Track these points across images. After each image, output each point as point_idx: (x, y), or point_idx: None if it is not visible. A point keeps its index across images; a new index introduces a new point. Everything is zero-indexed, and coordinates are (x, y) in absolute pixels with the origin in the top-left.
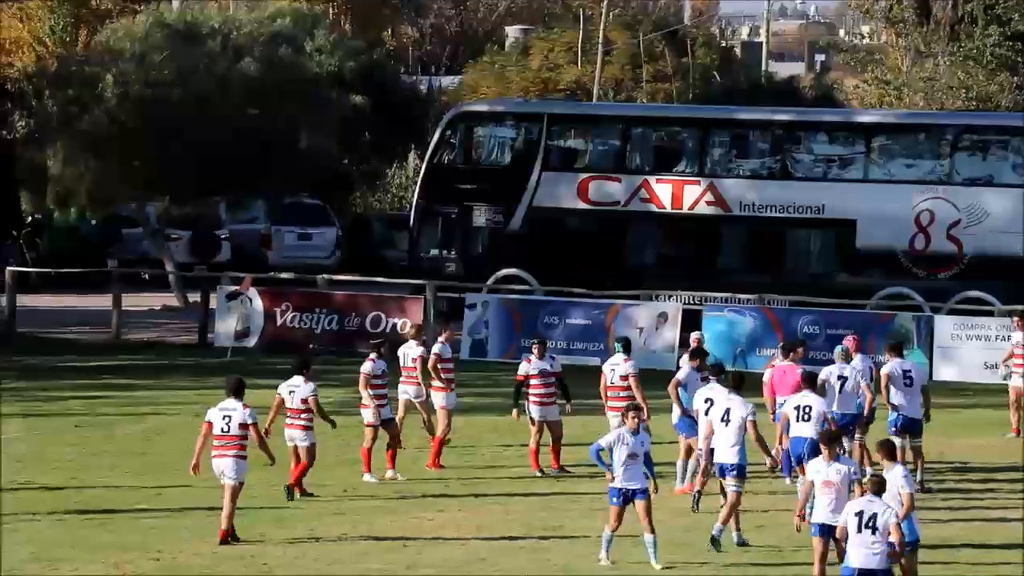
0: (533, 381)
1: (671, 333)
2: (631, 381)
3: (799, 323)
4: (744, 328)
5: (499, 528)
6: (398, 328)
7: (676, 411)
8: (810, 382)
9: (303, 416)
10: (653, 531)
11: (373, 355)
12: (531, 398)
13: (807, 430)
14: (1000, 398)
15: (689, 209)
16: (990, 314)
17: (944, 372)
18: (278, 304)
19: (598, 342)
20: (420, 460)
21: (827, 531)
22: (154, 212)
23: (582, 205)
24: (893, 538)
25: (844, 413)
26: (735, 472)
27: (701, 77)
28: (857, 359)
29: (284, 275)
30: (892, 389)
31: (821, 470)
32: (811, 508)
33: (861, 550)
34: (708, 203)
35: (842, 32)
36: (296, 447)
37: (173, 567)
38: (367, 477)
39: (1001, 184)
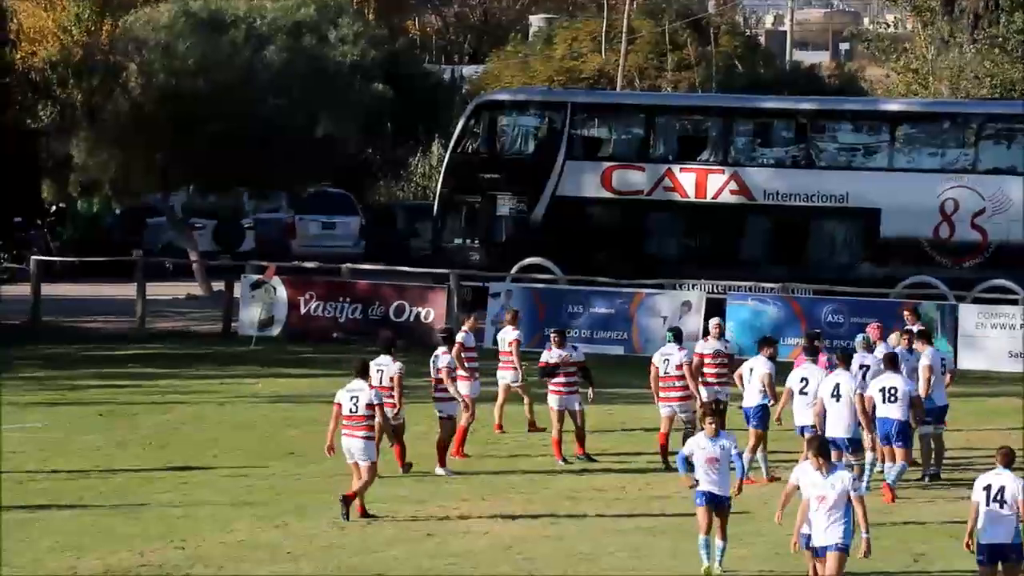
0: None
1: (695, 322)
2: (685, 370)
3: (823, 312)
4: (768, 317)
5: (523, 517)
6: (421, 317)
7: (749, 399)
8: (892, 364)
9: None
10: (725, 538)
11: (442, 348)
12: (551, 388)
13: (894, 411)
14: (1022, 386)
15: (713, 198)
16: (1015, 303)
17: (968, 361)
18: (302, 293)
19: (622, 331)
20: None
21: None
22: (178, 202)
23: (605, 194)
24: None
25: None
26: (850, 447)
27: (725, 66)
28: (880, 348)
29: (308, 264)
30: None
31: (817, 483)
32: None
33: (991, 525)
34: (732, 192)
35: (867, 21)
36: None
37: (197, 556)
38: (440, 471)
39: None
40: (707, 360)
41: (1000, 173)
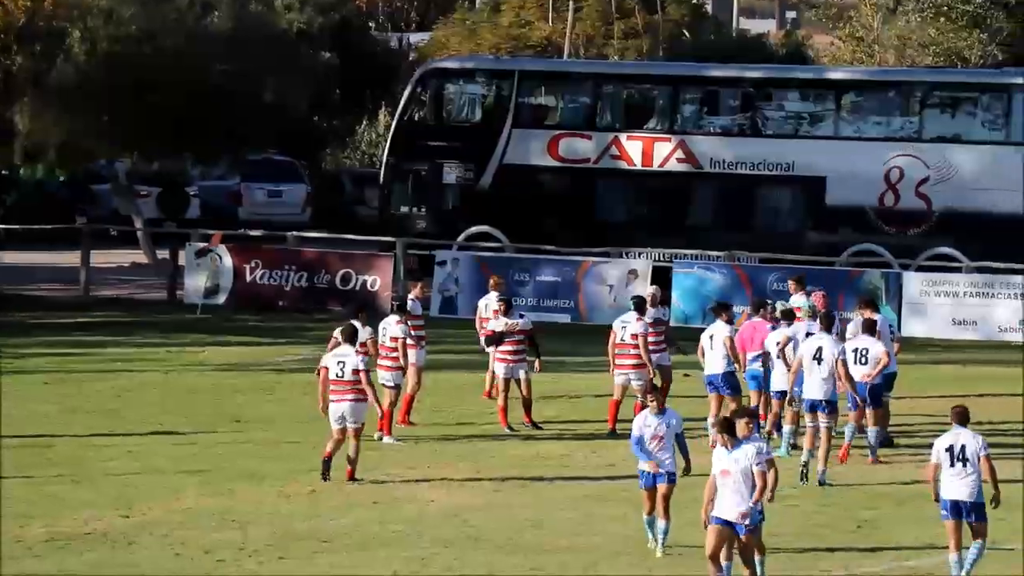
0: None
1: (641, 290)
2: (640, 341)
3: (768, 280)
4: (714, 285)
5: (469, 484)
6: (368, 286)
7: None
8: (870, 328)
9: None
10: (668, 517)
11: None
12: (498, 356)
13: (862, 373)
14: (967, 353)
15: (659, 166)
16: (958, 270)
17: (913, 328)
18: (247, 261)
19: (568, 299)
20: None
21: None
22: (123, 168)
23: (552, 162)
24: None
25: None
26: (826, 409)
27: (672, 34)
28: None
29: (254, 232)
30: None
31: (721, 458)
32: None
33: (954, 482)
34: (678, 160)
35: None
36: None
37: (143, 523)
38: (387, 439)
39: (970, 141)
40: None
41: (945, 141)
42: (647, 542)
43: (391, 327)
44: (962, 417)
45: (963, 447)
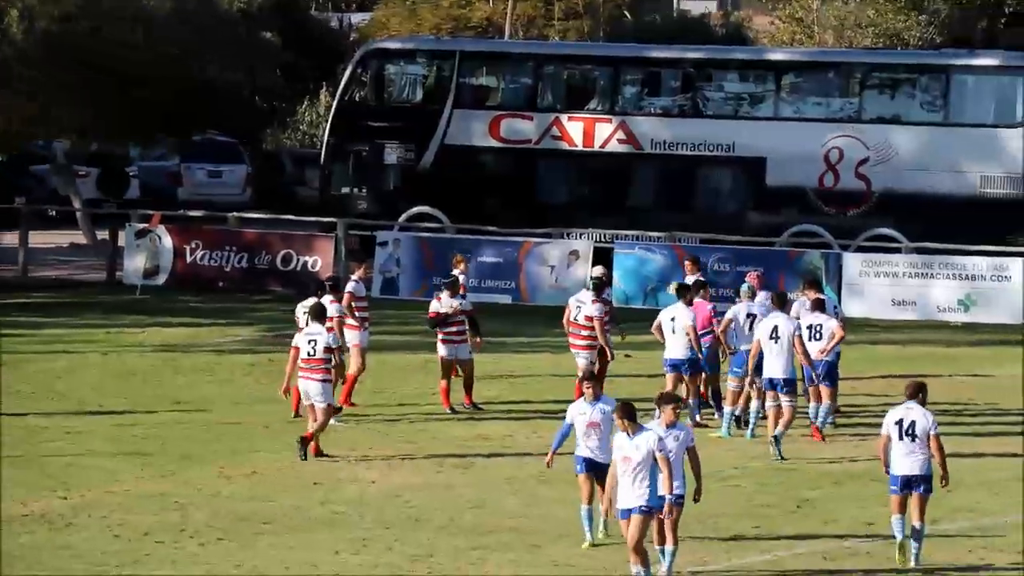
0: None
1: (582, 270)
2: (596, 323)
3: (709, 260)
4: (655, 265)
5: (410, 465)
6: (308, 266)
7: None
8: (820, 306)
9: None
10: (590, 502)
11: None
12: (441, 337)
13: (817, 349)
14: (906, 334)
15: (600, 147)
16: (898, 251)
17: (852, 308)
18: (188, 242)
19: (509, 279)
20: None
21: (625, 515)
22: (62, 149)
23: (494, 143)
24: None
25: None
26: (785, 388)
27: (613, 15)
28: (761, 296)
29: (194, 212)
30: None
31: (623, 444)
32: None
33: (902, 457)
34: (619, 141)
35: None
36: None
37: (82, 505)
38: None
39: (909, 122)
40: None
41: (884, 122)
42: (584, 533)
43: (327, 307)
44: (915, 392)
45: (912, 423)
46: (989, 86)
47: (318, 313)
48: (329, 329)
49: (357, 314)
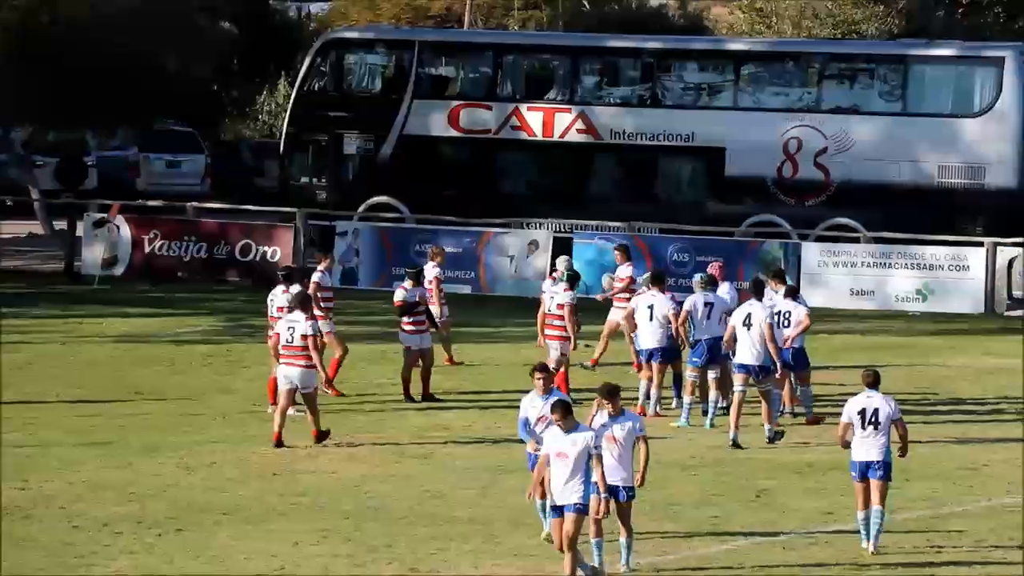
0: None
1: (542, 261)
2: (566, 312)
3: (669, 250)
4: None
5: (369, 456)
6: (268, 257)
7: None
8: (793, 294)
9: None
10: (544, 496)
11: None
12: (406, 327)
13: (783, 336)
14: (865, 323)
15: (560, 137)
16: (856, 241)
17: (811, 298)
18: (146, 232)
19: (469, 270)
20: None
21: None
22: (19, 138)
23: (453, 133)
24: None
25: (714, 337)
26: (760, 375)
27: (572, 5)
28: (724, 287)
29: (152, 203)
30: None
31: (558, 440)
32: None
33: (864, 445)
34: (579, 131)
35: None
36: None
37: (41, 496)
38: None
39: (868, 112)
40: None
41: (843, 112)
42: (542, 524)
43: (278, 297)
44: (874, 381)
45: (876, 411)
46: (947, 76)
47: (300, 300)
48: (309, 317)
49: (323, 304)
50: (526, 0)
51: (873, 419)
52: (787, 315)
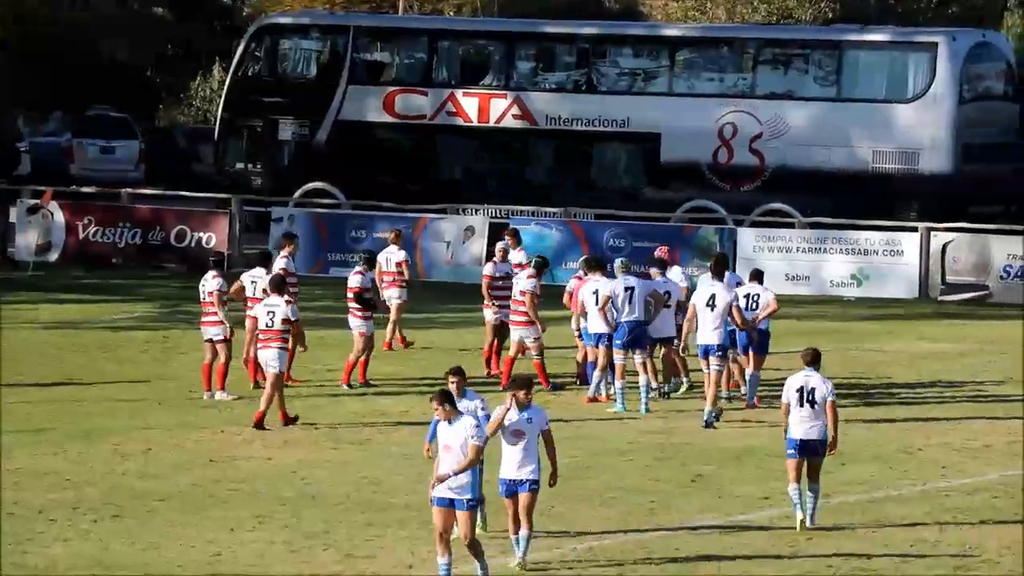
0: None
1: (478, 246)
2: (527, 299)
3: (605, 236)
4: (550, 241)
5: (306, 442)
6: (203, 243)
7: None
8: (758, 277)
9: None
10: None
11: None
12: (360, 313)
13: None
14: (800, 308)
15: (496, 123)
16: (791, 226)
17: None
18: (80, 218)
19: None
20: (233, 377)
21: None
22: None
23: (389, 118)
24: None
25: (638, 321)
26: (719, 352)
27: None
28: (676, 271)
29: (86, 189)
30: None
31: (444, 432)
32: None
33: (803, 423)
34: (515, 116)
35: None
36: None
37: None
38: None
39: (802, 97)
40: (498, 283)
41: (777, 98)
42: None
43: (209, 282)
44: (812, 359)
45: (812, 390)
46: (881, 62)
47: (277, 285)
48: (288, 302)
49: (291, 290)
50: None
51: (810, 398)
52: (755, 298)
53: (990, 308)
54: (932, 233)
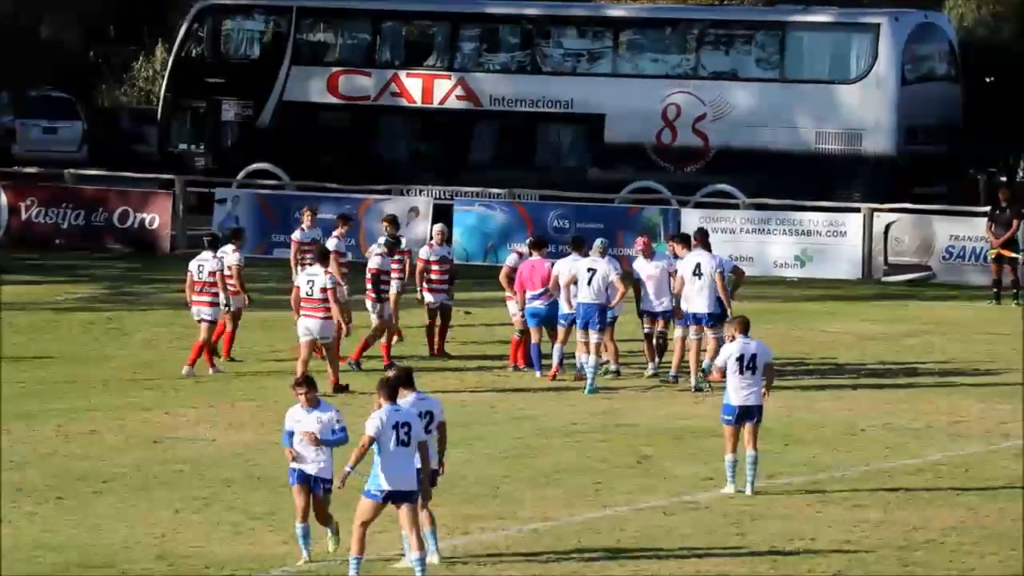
0: (341, 260)
1: (422, 227)
2: (502, 280)
3: (549, 217)
4: (495, 223)
5: (251, 425)
6: (146, 224)
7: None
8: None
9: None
10: (329, 521)
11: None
12: (368, 294)
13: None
14: (744, 289)
15: (440, 104)
16: (735, 207)
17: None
18: (23, 199)
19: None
20: (170, 354)
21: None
22: None
23: (332, 99)
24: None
25: (592, 304)
26: (710, 321)
27: None
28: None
29: (29, 169)
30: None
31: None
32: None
33: (742, 390)
34: (459, 98)
35: None
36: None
37: None
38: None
39: (746, 78)
40: (433, 266)
41: (721, 79)
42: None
43: (208, 263)
44: (744, 326)
45: (753, 356)
46: (824, 42)
47: (321, 255)
48: (327, 271)
49: (342, 270)
50: None
51: (751, 364)
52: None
53: (933, 288)
54: (875, 214)
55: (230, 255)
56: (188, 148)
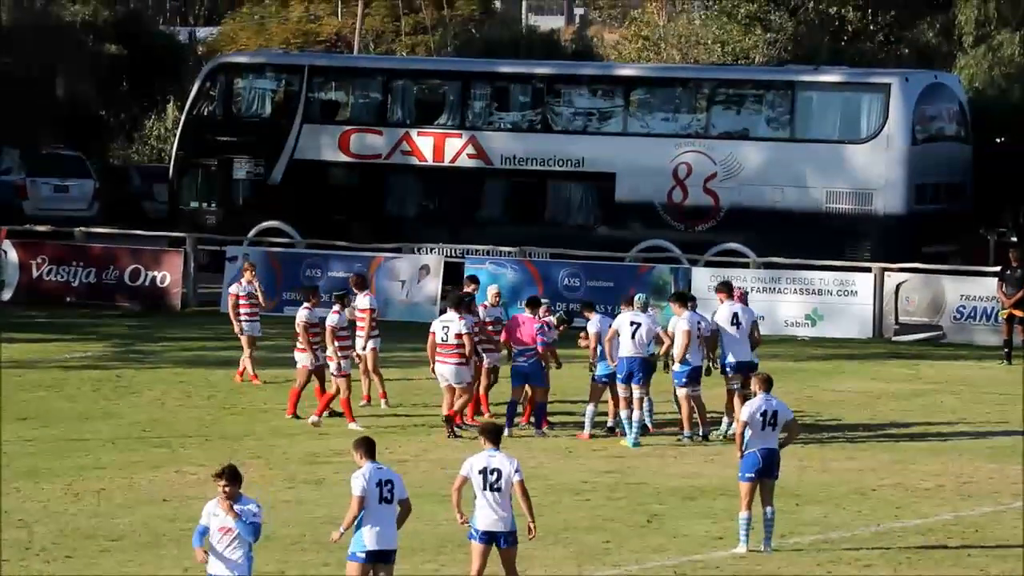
0: (312, 330)
1: (433, 285)
2: (465, 340)
3: (559, 275)
4: (505, 280)
5: (260, 482)
6: (157, 281)
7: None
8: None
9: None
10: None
11: (337, 307)
12: (299, 346)
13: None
14: (756, 348)
15: (451, 162)
16: (746, 266)
17: None
18: (34, 257)
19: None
20: (179, 412)
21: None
22: None
23: (343, 158)
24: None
25: (636, 357)
26: (753, 371)
27: (462, 30)
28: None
29: (40, 227)
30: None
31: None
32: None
33: (765, 444)
34: (469, 156)
35: None
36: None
37: None
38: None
39: (756, 137)
40: (488, 327)
41: (731, 138)
42: None
43: (337, 319)
44: (767, 384)
45: (775, 412)
46: (834, 102)
47: (455, 302)
48: (461, 317)
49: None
50: (415, 25)
51: (772, 420)
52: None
53: (943, 348)
54: (886, 273)
55: (362, 298)
56: (199, 206)
